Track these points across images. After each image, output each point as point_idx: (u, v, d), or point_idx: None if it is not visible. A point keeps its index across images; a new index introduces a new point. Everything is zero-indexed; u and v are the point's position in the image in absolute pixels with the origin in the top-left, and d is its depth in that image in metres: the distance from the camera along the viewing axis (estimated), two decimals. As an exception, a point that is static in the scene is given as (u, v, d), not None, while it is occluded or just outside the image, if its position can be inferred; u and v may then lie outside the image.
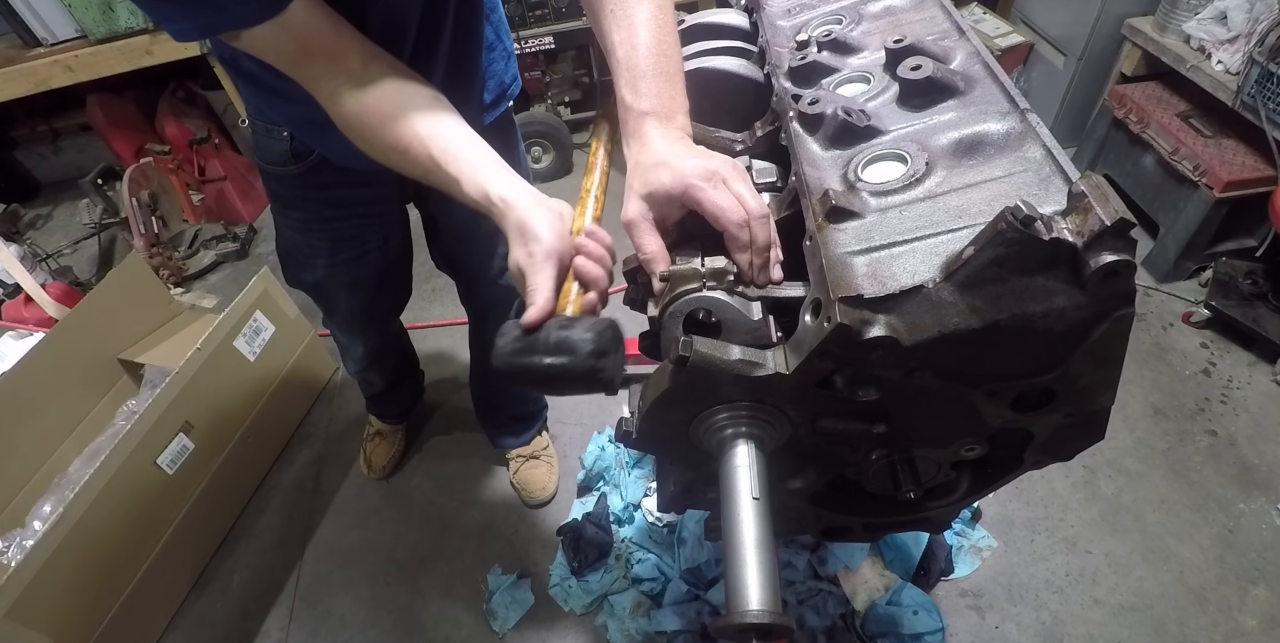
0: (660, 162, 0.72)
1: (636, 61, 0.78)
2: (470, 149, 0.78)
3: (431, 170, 0.78)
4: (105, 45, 2.54)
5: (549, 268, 0.70)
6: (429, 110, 0.80)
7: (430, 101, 0.81)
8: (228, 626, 1.70)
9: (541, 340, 0.67)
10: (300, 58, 0.78)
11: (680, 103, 0.79)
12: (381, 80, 0.80)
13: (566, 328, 0.68)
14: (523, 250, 0.71)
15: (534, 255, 0.70)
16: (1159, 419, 1.86)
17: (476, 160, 0.77)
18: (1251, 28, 1.89)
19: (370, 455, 1.95)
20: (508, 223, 0.73)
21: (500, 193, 0.74)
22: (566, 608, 1.62)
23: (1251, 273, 2.06)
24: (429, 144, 0.77)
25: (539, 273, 0.69)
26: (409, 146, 0.78)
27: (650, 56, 0.78)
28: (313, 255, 1.32)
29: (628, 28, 0.79)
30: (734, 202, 0.70)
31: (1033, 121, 0.69)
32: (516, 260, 0.72)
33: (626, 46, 0.79)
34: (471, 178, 0.76)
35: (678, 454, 0.82)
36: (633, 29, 0.79)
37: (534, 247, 0.70)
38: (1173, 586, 1.54)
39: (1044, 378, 0.63)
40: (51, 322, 2.14)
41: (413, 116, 0.79)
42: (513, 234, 0.72)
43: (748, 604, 0.58)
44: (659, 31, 0.79)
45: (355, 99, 0.79)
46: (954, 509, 0.96)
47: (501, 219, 0.74)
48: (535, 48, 2.71)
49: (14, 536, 1.69)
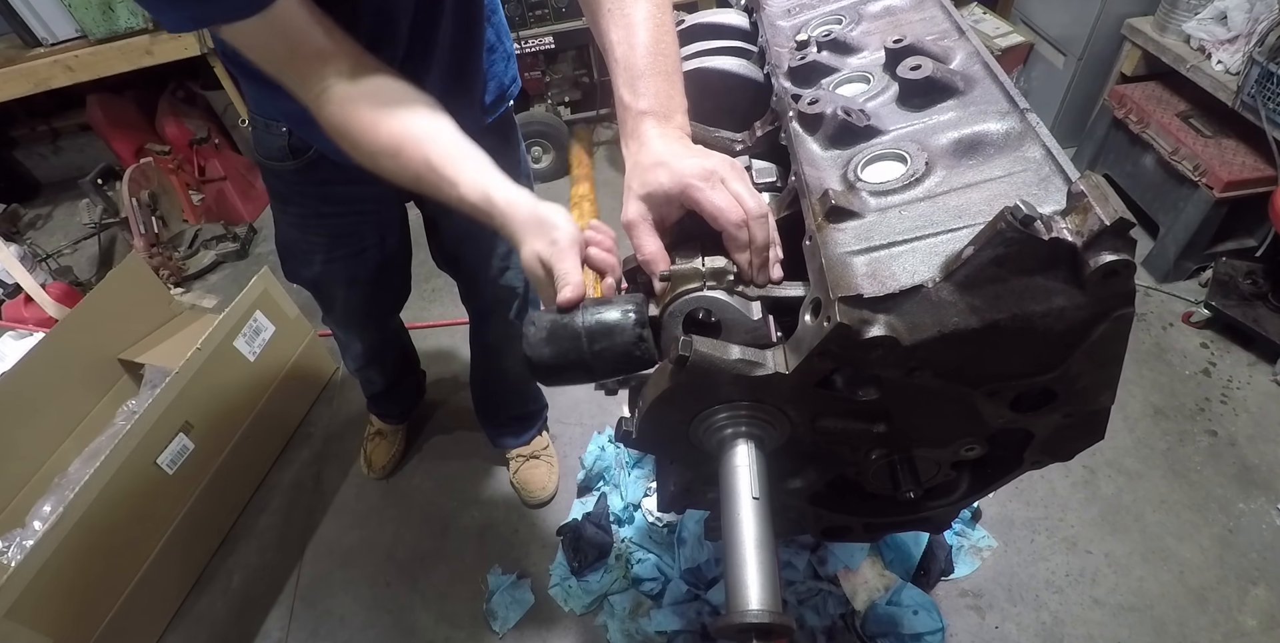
0: (658, 162, 0.72)
1: (634, 61, 0.78)
2: (469, 153, 0.78)
3: (425, 174, 0.77)
4: (105, 45, 2.54)
5: (573, 254, 0.70)
6: (424, 114, 0.80)
7: (425, 105, 0.81)
8: (228, 626, 1.70)
9: (580, 322, 0.67)
10: (288, 56, 0.78)
11: (679, 102, 0.79)
12: (371, 83, 0.79)
13: (601, 306, 0.68)
14: (543, 241, 0.71)
15: (557, 243, 0.70)
16: (1159, 419, 1.86)
17: (476, 164, 0.77)
18: (1251, 28, 1.89)
19: (370, 455, 1.95)
20: (516, 221, 0.73)
21: (503, 195, 0.74)
22: (566, 608, 1.62)
23: (1251, 273, 2.06)
24: (425, 147, 0.77)
25: (565, 259, 0.70)
26: (401, 150, 0.77)
27: (648, 56, 0.78)
28: (310, 251, 1.32)
29: (625, 27, 0.79)
30: (732, 201, 0.70)
31: (1032, 121, 0.69)
32: (537, 252, 0.71)
33: (624, 46, 0.79)
34: (472, 181, 0.75)
35: (677, 454, 0.82)
36: (630, 28, 0.79)
37: (555, 235, 0.71)
38: (1173, 586, 1.54)
39: (1044, 378, 0.63)
40: (51, 322, 2.15)
41: (406, 120, 0.78)
42: (527, 230, 0.72)
43: (747, 604, 0.58)
44: (657, 30, 0.79)
45: (344, 101, 0.78)
46: (954, 509, 0.96)
47: (506, 220, 0.74)
48: (535, 48, 2.71)
49: (14, 536, 1.69)
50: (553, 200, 0.75)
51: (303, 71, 0.78)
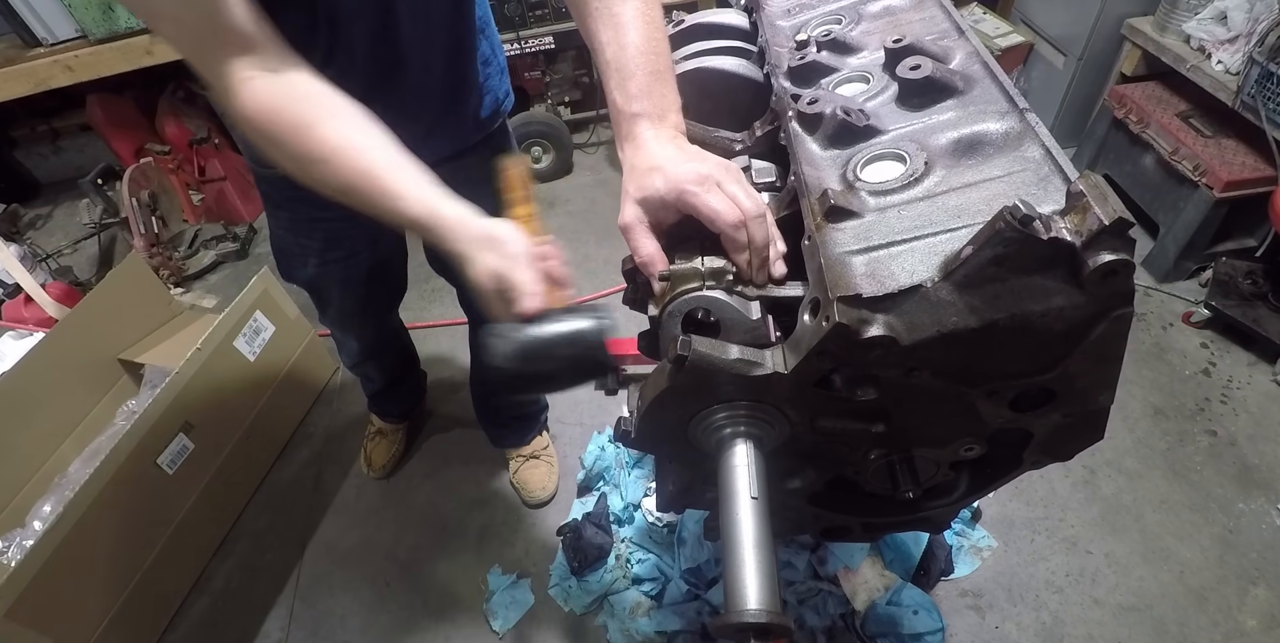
0: (653, 167, 0.72)
1: (624, 62, 0.77)
2: (411, 167, 0.75)
3: (359, 185, 0.73)
4: (105, 45, 2.54)
5: (529, 265, 0.70)
6: (360, 124, 0.75)
7: (360, 115, 0.76)
8: (228, 626, 1.69)
9: (545, 331, 0.68)
10: (209, 38, 0.72)
11: (672, 100, 0.78)
12: (301, 84, 0.75)
13: (565, 315, 0.69)
14: (494, 256, 0.71)
15: (511, 257, 0.70)
16: (1159, 419, 1.86)
17: (420, 179, 0.74)
18: (1251, 28, 1.89)
19: (370, 454, 1.96)
20: (467, 237, 0.72)
21: (453, 211, 0.72)
22: (566, 608, 1.62)
23: (1251, 273, 2.06)
24: (363, 157, 0.73)
25: (522, 270, 0.70)
26: (334, 157, 0.73)
27: (639, 55, 0.77)
28: (303, 254, 1.32)
29: (614, 27, 0.78)
30: (728, 204, 0.69)
31: (1032, 121, 0.69)
32: (490, 266, 0.71)
33: (614, 47, 0.78)
34: (417, 196, 0.73)
35: (676, 454, 0.82)
36: (619, 28, 0.78)
37: (509, 248, 0.71)
38: (1173, 586, 1.54)
39: (1043, 378, 0.63)
40: (51, 322, 2.15)
41: (341, 127, 0.74)
42: (478, 245, 0.72)
43: (746, 604, 0.58)
44: (646, 28, 0.78)
45: (267, 98, 0.73)
46: (953, 509, 0.96)
47: (455, 235, 0.72)
48: (535, 48, 2.71)
49: (14, 536, 1.69)
50: (552, 200, 0.75)
51: (223, 56, 0.73)
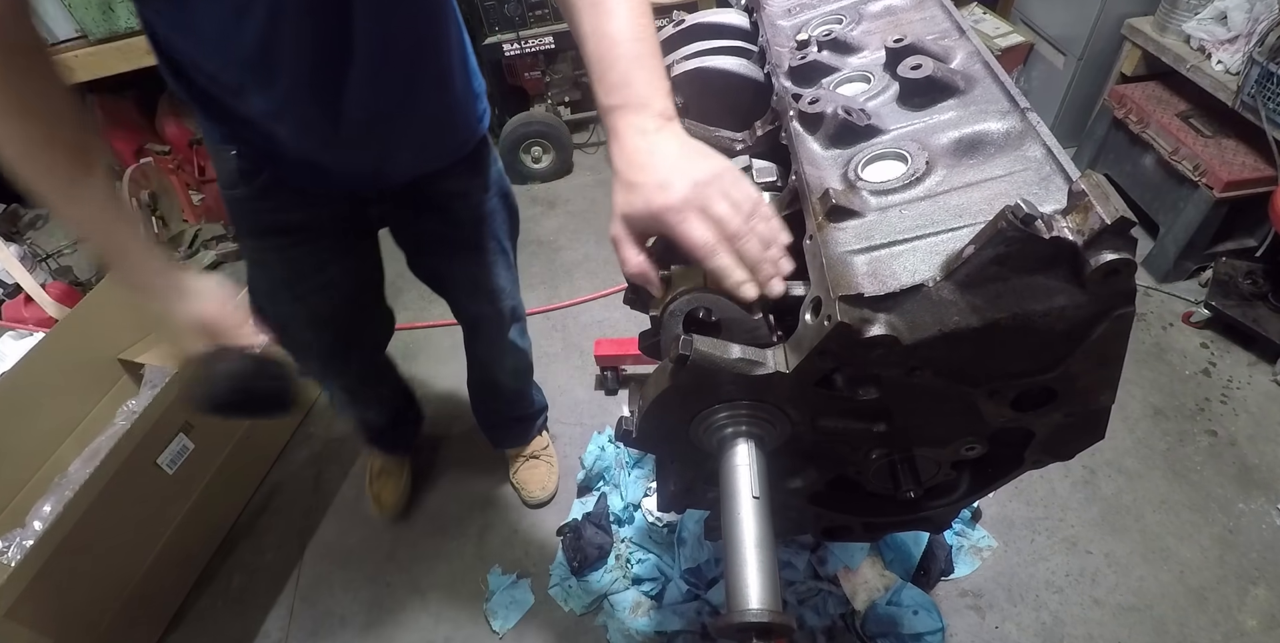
0: (633, 182, 0.66)
1: (604, 52, 0.70)
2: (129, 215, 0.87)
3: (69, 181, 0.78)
4: (105, 45, 2.53)
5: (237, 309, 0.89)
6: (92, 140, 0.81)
7: (89, 129, 0.81)
8: (228, 626, 1.69)
9: (265, 364, 0.89)
10: None
11: (658, 85, 0.70)
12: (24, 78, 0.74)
13: (264, 355, 0.90)
14: (199, 303, 0.87)
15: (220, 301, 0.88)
16: (1159, 419, 1.86)
17: (137, 222, 0.87)
18: (1251, 28, 1.89)
19: (378, 495, 1.84)
20: (171, 285, 0.86)
21: (166, 257, 0.86)
22: (566, 608, 1.62)
23: (1251, 273, 2.06)
24: None
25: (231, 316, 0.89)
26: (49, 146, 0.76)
27: (621, 43, 0.70)
28: (274, 289, 1.26)
29: (595, 15, 0.72)
30: (708, 236, 0.63)
31: (1033, 121, 0.68)
32: (196, 311, 0.86)
33: (595, 37, 0.72)
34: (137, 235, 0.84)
35: (677, 453, 0.82)
36: (601, 16, 0.72)
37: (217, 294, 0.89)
38: (1173, 586, 1.54)
39: (1044, 377, 0.63)
40: (51, 322, 2.14)
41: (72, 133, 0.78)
42: (178, 294, 0.86)
43: (747, 603, 0.58)
44: (630, 13, 0.72)
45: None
46: (954, 509, 0.96)
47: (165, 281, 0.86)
48: (535, 48, 2.71)
49: (14, 536, 1.69)
50: (552, 200, 0.75)
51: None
